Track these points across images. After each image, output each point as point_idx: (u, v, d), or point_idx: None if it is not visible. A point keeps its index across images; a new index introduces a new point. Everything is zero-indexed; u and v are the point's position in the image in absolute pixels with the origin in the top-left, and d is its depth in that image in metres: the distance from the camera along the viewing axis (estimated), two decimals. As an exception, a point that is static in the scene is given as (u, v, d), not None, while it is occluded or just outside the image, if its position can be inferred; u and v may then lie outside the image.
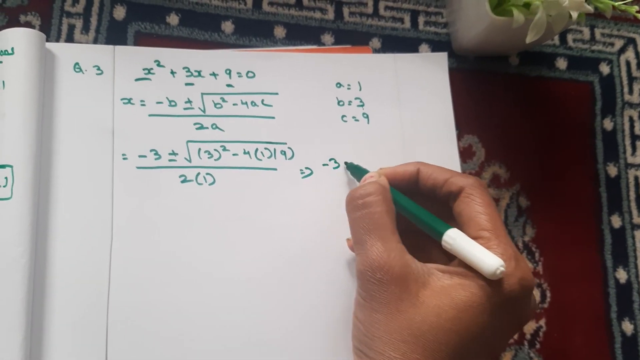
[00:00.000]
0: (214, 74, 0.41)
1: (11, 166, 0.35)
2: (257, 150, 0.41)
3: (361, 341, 0.31)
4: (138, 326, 0.36)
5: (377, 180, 0.35)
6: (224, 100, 0.41)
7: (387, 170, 0.37)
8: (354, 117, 0.43)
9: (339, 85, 0.43)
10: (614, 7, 0.39)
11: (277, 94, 0.42)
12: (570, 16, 0.37)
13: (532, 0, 0.38)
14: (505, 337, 0.33)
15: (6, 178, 0.35)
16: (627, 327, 0.43)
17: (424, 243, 0.35)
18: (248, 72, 0.42)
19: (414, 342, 0.29)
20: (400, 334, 0.30)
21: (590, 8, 0.36)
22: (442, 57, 0.45)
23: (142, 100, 0.40)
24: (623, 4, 0.39)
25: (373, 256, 0.31)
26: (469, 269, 0.31)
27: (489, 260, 0.30)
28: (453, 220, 0.34)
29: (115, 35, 0.42)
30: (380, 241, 0.31)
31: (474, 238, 0.32)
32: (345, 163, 0.41)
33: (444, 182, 0.35)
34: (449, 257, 0.34)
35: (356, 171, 0.40)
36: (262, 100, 0.42)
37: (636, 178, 0.46)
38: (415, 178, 0.36)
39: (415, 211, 0.34)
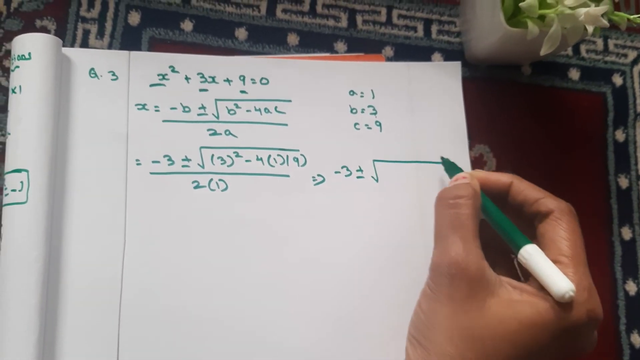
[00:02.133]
0: (228, 80, 0.41)
1: (27, 170, 0.36)
2: (269, 156, 0.41)
3: (419, 330, 0.32)
4: (149, 330, 0.36)
5: (470, 183, 0.35)
6: (237, 107, 0.41)
7: (480, 175, 0.37)
8: (366, 125, 0.43)
9: (352, 93, 0.43)
10: (628, 19, 0.39)
11: (290, 101, 0.42)
12: (586, 29, 0.37)
13: (547, 12, 0.38)
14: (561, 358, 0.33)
15: (22, 182, 0.35)
16: (636, 339, 0.43)
17: (500, 259, 0.36)
18: (262, 78, 0.42)
19: (472, 343, 0.30)
20: (461, 332, 0.30)
21: (605, 22, 0.36)
22: (455, 66, 0.45)
23: (156, 106, 0.40)
24: (638, 17, 0.39)
25: (452, 252, 0.32)
26: (540, 290, 0.32)
27: (560, 282, 0.30)
28: (535, 240, 0.34)
29: (129, 40, 0.43)
30: (462, 240, 0.32)
31: (552, 261, 0.32)
32: (442, 158, 0.41)
33: (535, 201, 0.35)
34: (521, 278, 0.35)
35: (450, 168, 0.40)
36: (276, 107, 0.42)
37: (647, 190, 0.46)
38: (507, 190, 0.37)
39: (500, 219, 0.35)
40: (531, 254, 0.32)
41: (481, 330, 0.30)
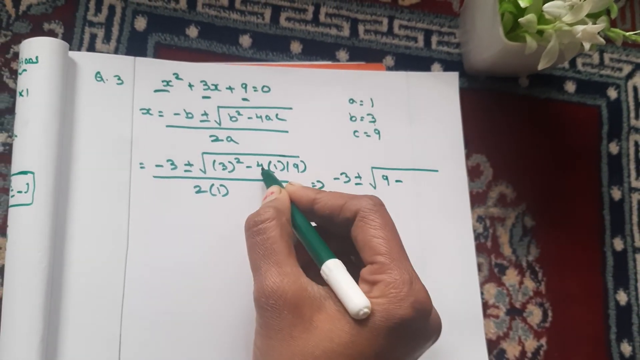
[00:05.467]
0: (230, 88, 0.42)
1: (33, 173, 0.36)
2: (270, 163, 0.41)
3: None
4: (150, 333, 0.37)
5: (274, 202, 0.34)
6: (239, 114, 0.42)
7: (292, 189, 0.36)
8: (365, 133, 0.44)
9: (351, 101, 0.44)
10: (624, 35, 0.40)
11: (291, 108, 0.43)
12: (582, 45, 0.38)
13: (545, 28, 0.38)
14: (405, 357, 0.32)
15: (27, 184, 0.36)
16: (626, 348, 0.44)
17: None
18: (263, 86, 0.43)
19: None
20: None
21: (602, 40, 0.37)
22: (453, 77, 0.46)
23: (160, 111, 0.41)
24: (634, 34, 0.40)
25: (266, 282, 0.31)
26: (367, 294, 0.30)
27: (354, 299, 0.29)
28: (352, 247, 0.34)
29: (135, 45, 0.43)
30: (274, 266, 0.31)
31: (370, 263, 0.32)
32: (262, 169, 0.41)
33: (340, 209, 0.34)
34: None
35: (268, 180, 0.39)
36: (277, 115, 0.42)
37: (639, 202, 0.47)
38: (311, 206, 0.35)
39: (306, 234, 0.34)
40: (331, 270, 0.31)
41: (313, 351, 0.29)
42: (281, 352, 0.30)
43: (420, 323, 0.31)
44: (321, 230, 0.35)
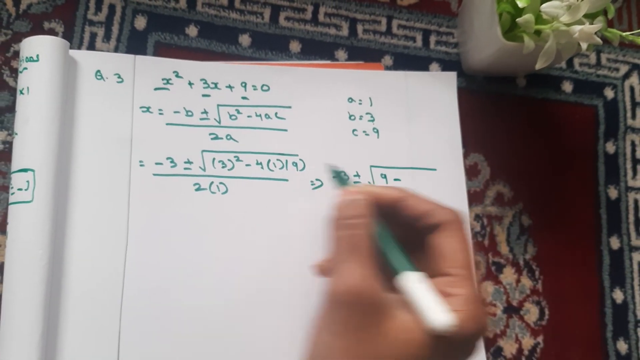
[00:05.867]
0: (230, 87, 0.42)
1: (33, 170, 0.36)
2: (269, 161, 0.42)
3: None
4: (150, 330, 0.37)
5: (364, 202, 0.34)
6: (238, 112, 0.42)
7: (370, 190, 0.35)
8: (364, 132, 0.44)
9: (350, 100, 0.44)
10: (620, 36, 0.40)
11: (290, 107, 0.43)
12: (580, 45, 0.38)
13: (543, 28, 0.39)
14: None
15: (28, 182, 0.36)
16: (622, 346, 0.45)
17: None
18: (263, 85, 0.43)
19: None
20: None
21: (599, 40, 0.37)
22: (451, 77, 0.46)
23: (160, 109, 0.41)
24: (631, 34, 0.40)
25: (347, 279, 0.30)
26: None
27: (442, 316, 0.29)
28: (424, 252, 0.34)
29: (135, 44, 0.43)
30: (357, 265, 0.31)
31: (443, 274, 0.32)
32: (331, 168, 0.40)
33: (424, 214, 0.34)
34: None
35: (339, 179, 0.39)
36: (276, 113, 0.43)
37: (636, 201, 0.47)
38: (395, 205, 0.35)
39: (385, 242, 0.34)
40: (415, 282, 0.31)
41: (375, 358, 0.29)
42: (344, 353, 0.29)
43: (474, 342, 0.32)
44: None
